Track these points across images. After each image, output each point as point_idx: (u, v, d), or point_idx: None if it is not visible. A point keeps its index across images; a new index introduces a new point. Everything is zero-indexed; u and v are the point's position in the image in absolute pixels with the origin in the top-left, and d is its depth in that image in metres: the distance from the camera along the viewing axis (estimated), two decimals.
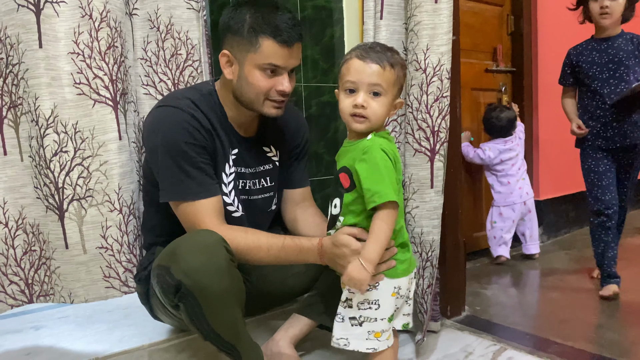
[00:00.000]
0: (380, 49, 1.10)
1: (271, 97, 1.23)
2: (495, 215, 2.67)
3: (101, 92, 1.39)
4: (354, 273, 1.04)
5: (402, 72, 1.12)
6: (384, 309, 1.11)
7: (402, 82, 1.13)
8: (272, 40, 1.17)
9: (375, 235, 1.05)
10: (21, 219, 1.42)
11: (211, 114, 1.26)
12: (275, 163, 1.40)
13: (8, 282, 1.41)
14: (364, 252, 1.05)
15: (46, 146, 1.36)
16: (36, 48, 1.33)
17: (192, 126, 1.20)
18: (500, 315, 1.93)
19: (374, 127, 1.11)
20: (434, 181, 1.45)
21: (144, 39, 1.56)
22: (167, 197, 1.22)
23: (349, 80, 1.09)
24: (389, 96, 1.09)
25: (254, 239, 1.20)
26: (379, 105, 1.08)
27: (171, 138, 1.19)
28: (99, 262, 1.44)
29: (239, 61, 1.22)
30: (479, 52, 2.70)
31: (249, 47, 1.19)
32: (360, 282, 1.05)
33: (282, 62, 1.20)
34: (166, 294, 1.12)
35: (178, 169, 1.19)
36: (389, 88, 1.08)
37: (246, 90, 1.23)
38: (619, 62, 2.05)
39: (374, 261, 1.05)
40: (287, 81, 1.22)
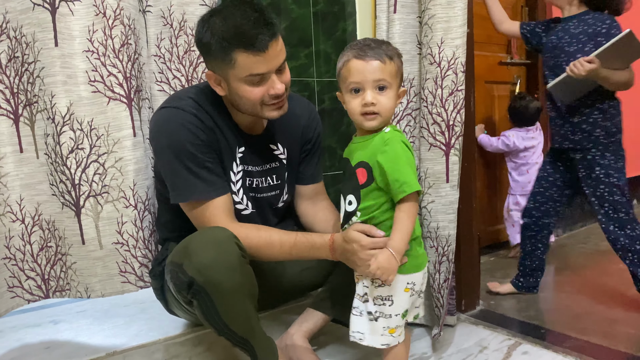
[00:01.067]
0: (374, 44, 1.09)
1: (267, 102, 1.20)
2: (511, 204, 2.65)
3: (115, 89, 1.41)
4: (383, 262, 1.05)
5: (400, 61, 1.12)
6: (397, 305, 1.11)
7: (401, 70, 1.13)
8: (245, 53, 1.11)
9: (402, 225, 1.06)
10: (37, 215, 1.44)
11: (215, 113, 1.25)
12: (282, 161, 1.39)
13: (25, 277, 1.43)
14: (392, 243, 1.06)
15: (62, 143, 1.38)
16: (52, 46, 1.34)
17: (196, 126, 1.19)
18: (515, 310, 1.92)
19: (385, 121, 1.12)
20: (450, 175, 1.45)
21: (158, 36, 1.57)
22: (177, 199, 1.23)
23: (352, 82, 1.09)
24: (394, 87, 1.10)
25: (266, 236, 1.20)
26: (387, 99, 1.09)
27: (176, 139, 1.19)
28: (115, 257, 1.46)
29: (224, 78, 1.18)
30: (492, 44, 2.67)
31: (226, 65, 1.14)
32: (388, 271, 1.05)
33: (263, 69, 1.14)
34: (179, 290, 1.13)
35: (185, 170, 1.19)
36: (392, 80, 1.09)
37: (240, 102, 1.21)
38: (560, 48, 1.81)
39: (401, 251, 1.06)
40: (277, 83, 1.18)
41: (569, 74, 1.69)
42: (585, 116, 1.81)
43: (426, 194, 1.48)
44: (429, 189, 1.47)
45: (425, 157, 1.47)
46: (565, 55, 1.79)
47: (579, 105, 1.81)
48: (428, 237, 1.49)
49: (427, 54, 1.43)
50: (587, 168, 1.83)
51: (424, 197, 1.48)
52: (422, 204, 1.49)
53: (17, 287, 1.42)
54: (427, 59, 1.43)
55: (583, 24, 1.77)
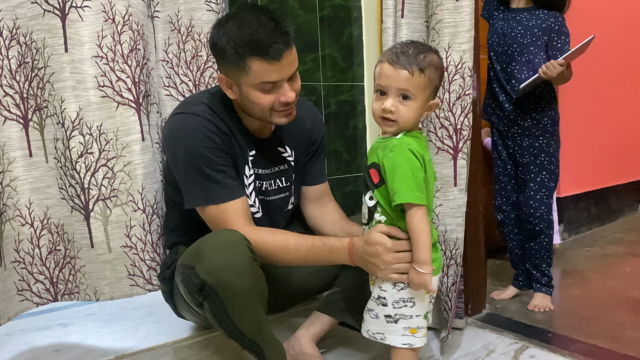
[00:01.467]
0: (413, 51, 1.08)
1: (277, 109, 1.21)
2: None
3: (124, 94, 1.42)
4: (415, 279, 1.07)
5: (435, 73, 1.10)
6: (419, 306, 1.12)
7: (437, 83, 1.12)
8: (259, 60, 1.12)
9: (416, 237, 1.07)
10: (46, 219, 1.45)
11: (227, 118, 1.26)
12: (290, 163, 1.40)
13: (34, 280, 1.45)
14: (415, 258, 1.07)
15: (72, 148, 1.39)
16: (62, 52, 1.36)
17: (210, 131, 1.21)
18: (521, 313, 1.91)
19: (403, 130, 1.11)
20: (457, 179, 1.45)
21: (165, 41, 1.58)
22: (193, 203, 1.23)
23: (379, 84, 1.10)
24: (420, 100, 1.09)
25: (282, 240, 1.20)
26: (408, 110, 1.08)
27: (191, 145, 1.20)
28: (123, 260, 1.47)
29: (236, 83, 1.20)
30: None
31: (239, 71, 1.15)
32: (423, 284, 1.07)
33: (276, 77, 1.16)
34: (191, 292, 1.13)
35: (201, 174, 1.20)
36: (418, 92, 1.08)
37: (250, 108, 1.22)
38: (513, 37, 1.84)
39: (426, 261, 1.07)
40: (288, 91, 1.19)
41: (540, 75, 1.74)
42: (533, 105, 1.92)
43: (434, 198, 1.48)
44: (437, 193, 1.48)
45: (432, 161, 1.48)
46: (518, 47, 1.84)
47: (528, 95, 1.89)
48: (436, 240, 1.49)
49: None
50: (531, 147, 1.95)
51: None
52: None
53: (26, 290, 1.43)
54: None
55: (536, 19, 1.84)
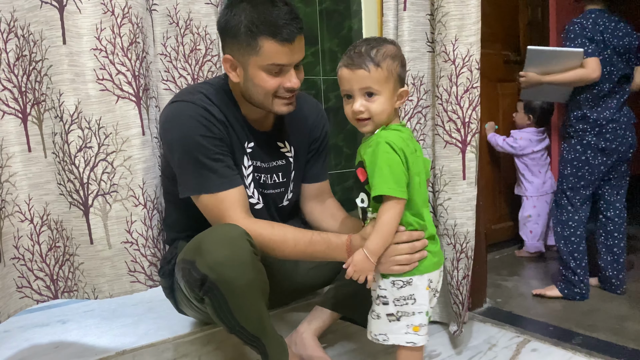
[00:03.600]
0: (365, 49, 1.09)
1: (280, 95, 1.21)
2: (529, 209, 2.62)
3: (124, 87, 1.40)
4: (358, 263, 1.06)
5: (393, 63, 1.10)
6: (420, 303, 1.11)
7: (398, 72, 1.11)
8: (272, 40, 1.13)
9: (377, 227, 1.07)
10: (46, 215, 1.43)
11: (225, 107, 1.25)
12: (289, 159, 1.39)
13: (34, 277, 1.43)
14: (368, 243, 1.07)
15: (71, 142, 1.37)
16: (60, 44, 1.34)
17: (207, 119, 1.19)
18: (522, 307, 1.92)
19: (380, 124, 1.12)
20: (466, 173, 1.44)
21: (164, 35, 1.56)
22: (188, 192, 1.22)
23: (343, 89, 1.12)
24: (385, 93, 1.09)
25: (280, 233, 1.19)
26: (377, 105, 1.09)
27: (187, 132, 1.18)
28: (123, 256, 1.45)
29: (242, 64, 1.19)
30: (497, 42, 2.67)
31: (249, 50, 1.15)
32: (363, 272, 1.07)
33: (286, 60, 1.16)
34: (192, 287, 1.12)
35: (196, 162, 1.19)
36: (380, 87, 1.09)
37: (254, 91, 1.21)
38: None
39: (377, 252, 1.07)
40: (294, 77, 1.19)
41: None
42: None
43: (442, 192, 1.47)
44: (445, 187, 1.46)
45: (440, 154, 1.47)
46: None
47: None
48: (445, 234, 1.48)
49: (441, 52, 1.42)
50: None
51: (440, 194, 1.48)
52: (437, 202, 1.49)
53: (26, 287, 1.41)
54: (441, 56, 1.43)
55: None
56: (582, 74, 1.91)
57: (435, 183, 1.50)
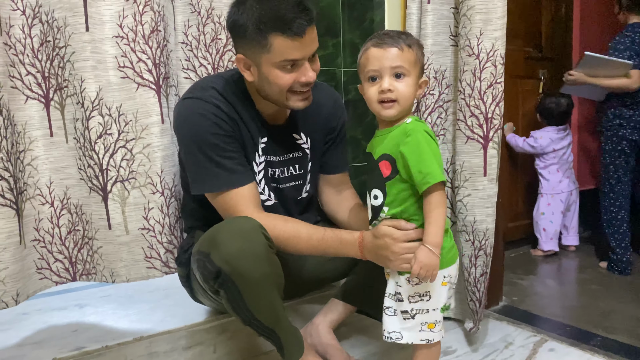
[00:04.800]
0: (393, 33, 1.09)
1: (296, 90, 1.18)
2: (543, 206, 2.61)
3: (145, 75, 1.41)
4: (424, 259, 1.03)
5: (420, 51, 1.10)
6: (435, 300, 1.10)
7: (422, 61, 1.12)
8: (282, 37, 1.09)
9: (434, 218, 1.04)
10: (66, 199, 1.45)
11: (238, 103, 1.24)
12: (305, 150, 1.38)
13: (53, 259, 1.45)
14: (428, 238, 1.04)
15: (91, 128, 1.38)
16: (83, 31, 1.35)
17: (218, 117, 1.18)
18: (538, 306, 1.90)
19: (404, 111, 1.10)
20: (487, 169, 1.42)
21: (185, 23, 1.56)
22: (200, 189, 1.22)
23: (370, 70, 1.09)
24: (413, 76, 1.08)
25: (293, 228, 1.19)
26: (405, 86, 1.07)
27: (198, 130, 1.18)
28: (140, 242, 1.46)
29: (255, 63, 1.16)
30: (518, 38, 2.63)
31: (260, 49, 1.12)
32: (432, 267, 1.03)
33: (298, 55, 1.13)
34: (206, 280, 1.12)
35: (208, 160, 1.18)
36: (411, 68, 1.07)
37: (269, 88, 1.19)
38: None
39: (439, 244, 1.04)
40: (309, 70, 1.17)
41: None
42: None
43: (462, 188, 1.45)
44: (465, 182, 1.45)
45: (461, 150, 1.45)
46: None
47: None
48: (464, 230, 1.47)
49: (465, 46, 1.40)
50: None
51: (460, 190, 1.46)
52: (457, 198, 1.47)
53: (46, 269, 1.43)
54: (465, 50, 1.40)
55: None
56: (626, 83, 2.24)
57: (454, 179, 1.48)
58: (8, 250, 1.27)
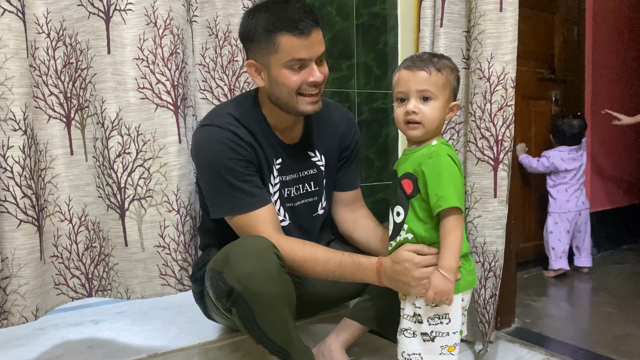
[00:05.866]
0: (427, 56, 1.11)
1: (304, 92, 1.21)
2: (551, 225, 2.61)
3: (163, 96, 1.44)
4: (439, 285, 1.04)
5: (451, 75, 1.12)
6: (455, 322, 1.10)
7: (454, 84, 1.13)
8: (288, 35, 1.15)
9: (448, 242, 1.05)
10: (84, 216, 1.48)
11: (253, 126, 1.27)
12: (320, 168, 1.39)
13: (70, 275, 1.47)
14: (442, 262, 1.05)
15: (111, 147, 1.42)
16: (105, 54, 1.39)
17: (234, 142, 1.21)
18: (552, 329, 1.88)
19: (430, 132, 1.11)
20: (498, 190, 1.43)
21: (203, 46, 1.60)
22: (220, 213, 1.24)
23: (399, 91, 1.12)
24: (440, 99, 1.10)
25: (311, 252, 1.20)
26: (430, 109, 1.09)
27: (216, 156, 1.21)
28: (156, 260, 1.48)
29: (265, 66, 1.21)
30: (531, 59, 2.65)
31: (269, 50, 1.18)
32: (446, 292, 1.04)
33: (305, 54, 1.17)
34: (219, 298, 1.14)
35: (226, 184, 1.21)
36: (438, 92, 1.09)
37: (278, 91, 1.22)
38: None
39: (453, 269, 1.05)
40: (316, 71, 1.20)
41: None
42: None
43: (472, 209, 1.46)
44: (476, 204, 1.46)
45: (472, 171, 1.46)
46: None
47: None
48: (474, 252, 1.47)
49: (476, 69, 1.42)
50: None
51: (470, 211, 1.47)
52: (467, 219, 1.48)
53: (63, 284, 1.46)
54: (476, 73, 1.42)
55: None
56: None
57: (465, 200, 1.49)
58: (29, 266, 1.30)
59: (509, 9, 1.38)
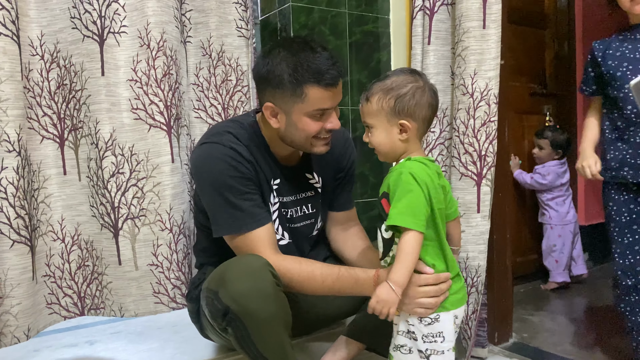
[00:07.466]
0: (371, 84, 1.13)
1: (321, 136, 1.22)
2: (554, 238, 2.60)
3: (156, 117, 1.46)
4: (382, 294, 1.04)
5: (384, 97, 1.10)
6: (448, 340, 1.09)
7: (391, 104, 1.10)
8: (317, 87, 1.14)
9: (399, 257, 1.05)
10: (77, 235, 1.49)
11: (253, 146, 1.26)
12: (317, 190, 1.40)
13: (62, 294, 1.48)
14: (391, 275, 1.04)
15: (104, 167, 1.43)
16: (99, 76, 1.41)
17: (236, 160, 1.21)
18: (549, 343, 1.87)
19: (388, 156, 1.14)
20: (481, 206, 1.44)
21: (197, 66, 1.63)
22: (221, 232, 1.24)
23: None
24: (378, 126, 1.12)
25: (308, 270, 1.19)
26: (374, 137, 1.13)
27: (217, 174, 1.20)
28: (149, 278, 1.49)
29: (285, 111, 1.20)
30: (523, 75, 2.68)
31: (294, 99, 1.16)
32: (387, 304, 1.04)
33: (329, 104, 1.18)
34: (215, 317, 1.13)
35: (227, 203, 1.20)
36: (372, 120, 1.12)
37: (296, 134, 1.22)
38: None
39: (401, 283, 1.04)
40: (335, 119, 1.21)
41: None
42: None
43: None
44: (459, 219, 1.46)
45: (455, 186, 1.47)
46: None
47: None
48: None
49: (460, 85, 1.44)
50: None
51: None
52: None
53: (55, 304, 1.46)
54: (460, 89, 1.44)
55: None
56: None
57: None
58: (22, 286, 1.30)
59: (492, 26, 1.40)
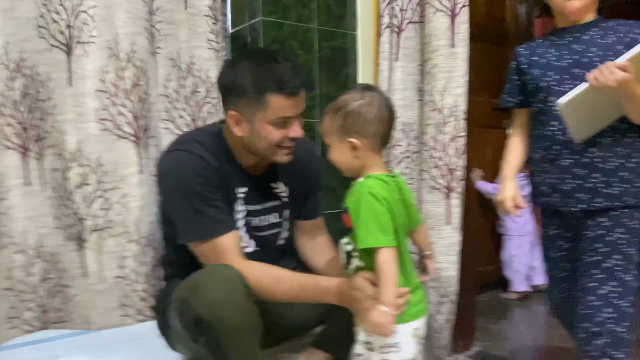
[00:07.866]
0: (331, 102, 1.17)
1: (283, 144, 1.25)
2: (513, 248, 2.66)
3: (124, 128, 1.45)
4: (376, 318, 1.05)
5: (334, 116, 1.14)
6: (405, 352, 1.11)
7: (340, 122, 1.13)
8: (279, 95, 1.18)
9: (382, 279, 1.06)
10: (40, 247, 1.45)
11: (219, 154, 1.28)
12: (283, 199, 1.41)
13: (24, 308, 1.44)
14: (381, 298, 1.06)
15: (70, 179, 1.41)
16: (65, 86, 1.39)
17: (203, 167, 1.22)
18: (512, 351, 1.92)
19: (349, 171, 1.17)
20: (451, 218, 1.48)
21: (166, 77, 1.62)
22: (186, 239, 1.24)
23: None
24: (333, 143, 1.16)
25: (274, 276, 1.21)
26: (331, 155, 1.17)
27: (184, 181, 1.21)
28: (116, 291, 1.47)
29: (248, 119, 1.22)
30: (485, 90, 2.75)
31: (257, 107, 1.19)
32: (384, 325, 1.05)
33: (292, 113, 1.21)
34: (186, 327, 1.13)
35: (193, 210, 1.21)
36: (328, 138, 1.16)
37: (259, 143, 1.24)
38: (587, 64, 1.24)
39: (391, 302, 1.06)
40: (298, 127, 1.24)
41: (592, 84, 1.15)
42: (622, 159, 1.26)
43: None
44: (430, 231, 1.50)
45: (425, 199, 1.51)
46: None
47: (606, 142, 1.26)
48: None
49: (429, 101, 1.49)
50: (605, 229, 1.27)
51: None
52: None
53: (16, 317, 1.42)
54: (429, 105, 1.49)
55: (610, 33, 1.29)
56: None
57: None
58: None
59: (460, 44, 1.45)
